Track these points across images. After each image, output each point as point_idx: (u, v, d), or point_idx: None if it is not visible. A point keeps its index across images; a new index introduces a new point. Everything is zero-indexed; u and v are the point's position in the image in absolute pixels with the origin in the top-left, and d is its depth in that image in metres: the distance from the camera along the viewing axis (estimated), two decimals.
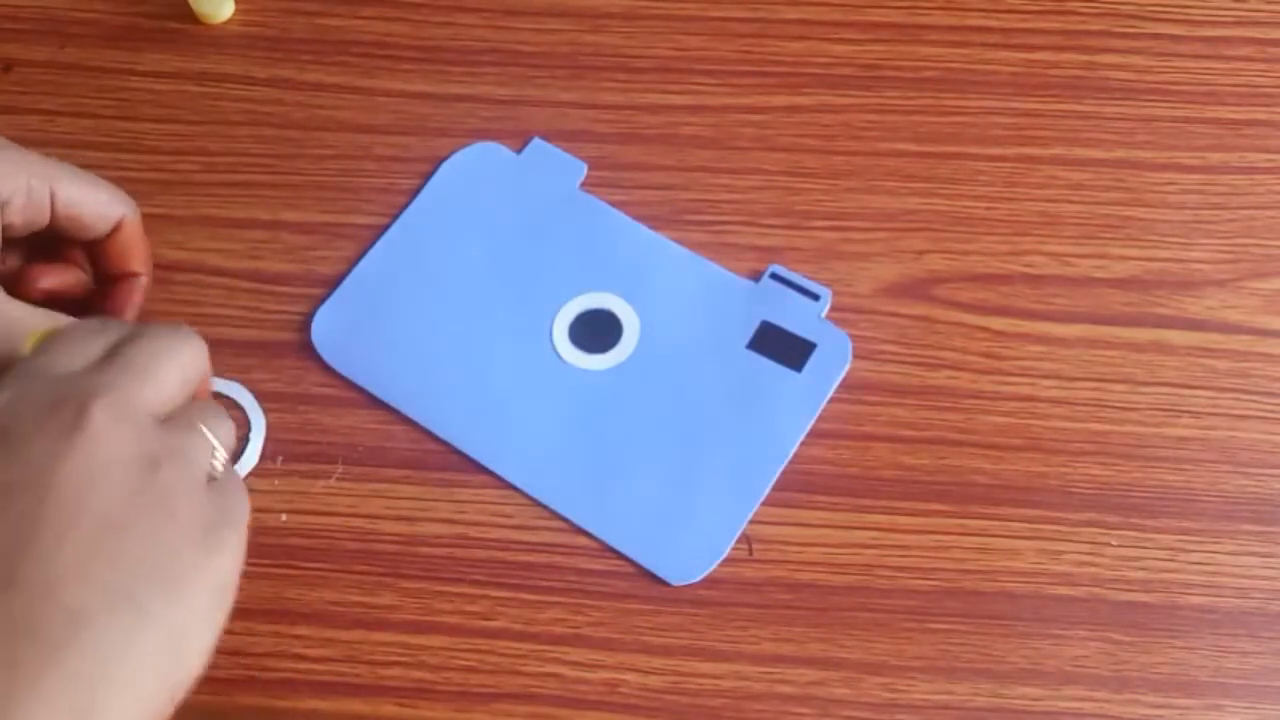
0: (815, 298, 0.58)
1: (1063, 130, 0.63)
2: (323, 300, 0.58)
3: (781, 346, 0.57)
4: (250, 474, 0.55)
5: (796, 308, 0.58)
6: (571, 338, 0.58)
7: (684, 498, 0.54)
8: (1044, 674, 0.52)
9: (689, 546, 0.53)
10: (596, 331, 0.58)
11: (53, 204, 0.53)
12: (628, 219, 0.60)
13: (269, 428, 0.56)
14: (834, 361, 0.57)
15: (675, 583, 0.53)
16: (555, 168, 0.61)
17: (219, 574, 0.42)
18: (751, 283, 0.59)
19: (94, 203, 0.55)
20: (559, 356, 0.57)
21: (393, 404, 0.56)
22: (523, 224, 0.60)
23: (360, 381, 0.57)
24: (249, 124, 0.63)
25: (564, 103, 0.63)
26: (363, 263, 0.59)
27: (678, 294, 0.59)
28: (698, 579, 0.53)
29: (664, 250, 0.60)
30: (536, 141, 0.62)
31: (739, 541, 0.54)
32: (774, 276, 0.59)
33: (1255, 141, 0.62)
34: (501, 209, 0.61)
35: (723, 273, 0.59)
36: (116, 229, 0.55)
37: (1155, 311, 0.58)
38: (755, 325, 0.58)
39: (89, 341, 0.43)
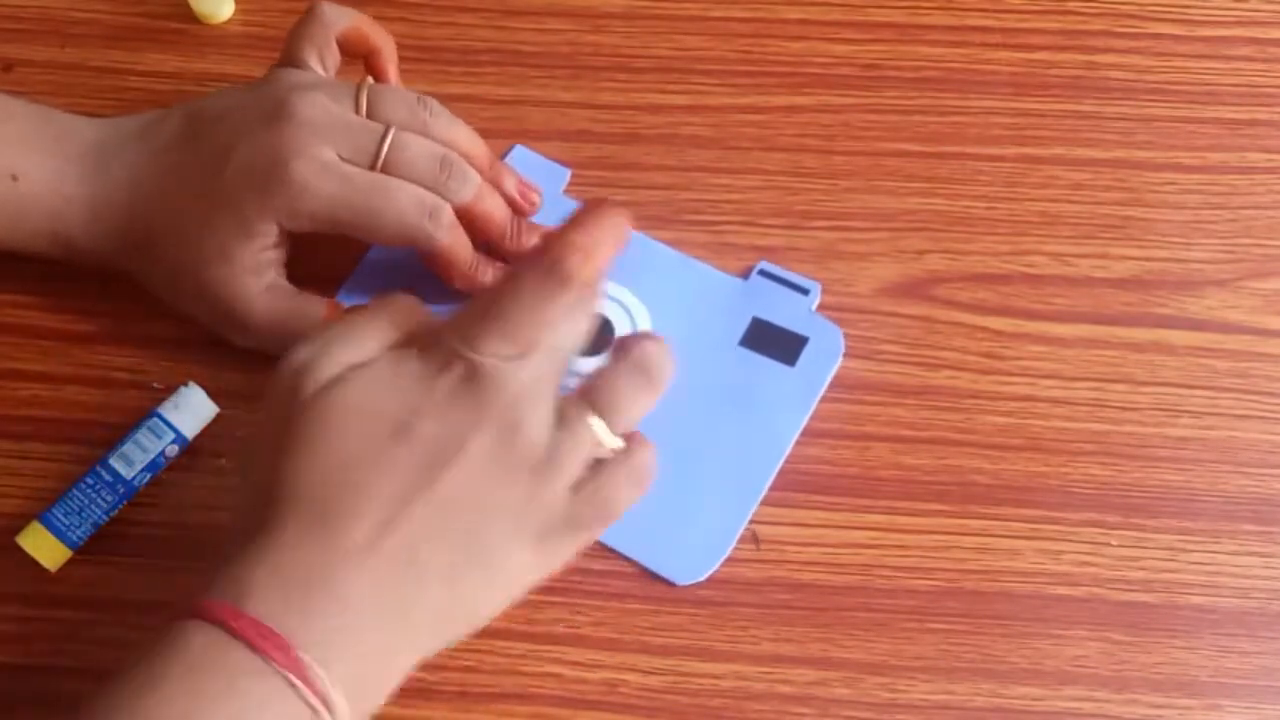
0: (805, 292, 0.58)
1: (1063, 130, 0.63)
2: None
3: (774, 342, 0.57)
4: None
5: (786, 303, 0.58)
6: None
7: (685, 497, 0.54)
8: (1044, 674, 0.52)
9: (693, 545, 0.53)
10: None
11: None
12: None
13: None
14: (827, 354, 0.57)
15: (681, 583, 0.53)
16: (538, 174, 0.61)
17: (533, 576, 0.45)
18: (740, 280, 0.59)
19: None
20: None
21: None
22: None
23: None
24: None
25: (564, 103, 0.63)
26: (349, 281, 0.59)
27: (667, 294, 0.58)
28: (703, 578, 0.53)
29: (651, 250, 0.60)
30: (518, 149, 0.62)
31: (745, 539, 0.54)
32: (762, 273, 0.59)
33: (1255, 141, 0.62)
34: None
35: (711, 271, 0.59)
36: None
37: (1155, 311, 0.58)
38: (746, 322, 0.58)
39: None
